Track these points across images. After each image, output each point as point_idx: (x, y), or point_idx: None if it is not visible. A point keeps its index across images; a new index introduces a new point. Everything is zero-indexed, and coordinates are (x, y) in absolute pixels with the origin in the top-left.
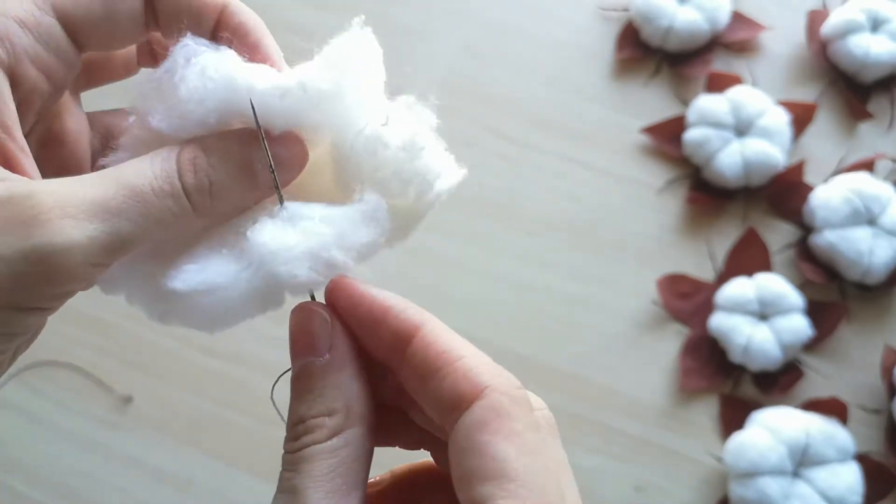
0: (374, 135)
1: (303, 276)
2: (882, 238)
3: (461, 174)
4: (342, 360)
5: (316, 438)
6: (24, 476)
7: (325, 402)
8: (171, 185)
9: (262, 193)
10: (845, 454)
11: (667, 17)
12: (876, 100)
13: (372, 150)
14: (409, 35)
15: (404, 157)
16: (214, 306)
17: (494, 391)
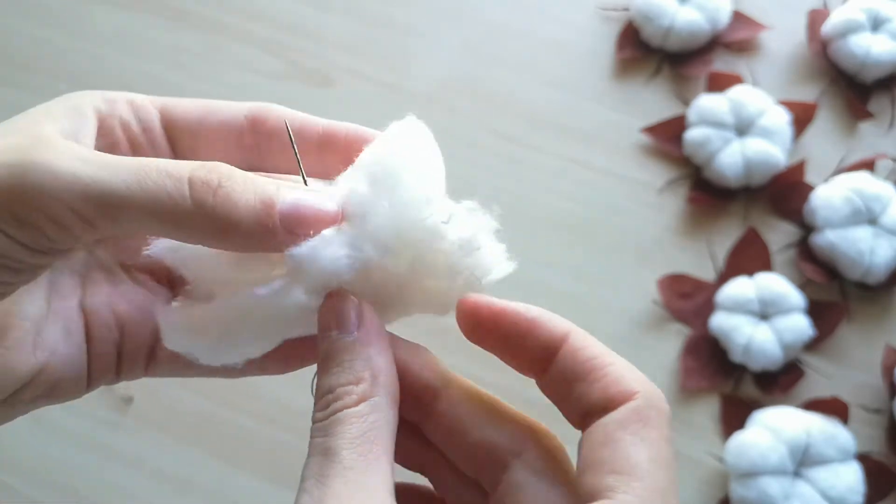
0: (433, 227)
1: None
2: (883, 238)
3: (511, 268)
4: (369, 336)
5: (346, 403)
6: (24, 476)
7: (353, 372)
8: (177, 170)
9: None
10: (846, 454)
11: (667, 17)
12: (876, 99)
13: (429, 241)
14: (409, 35)
15: (460, 252)
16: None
17: (642, 397)
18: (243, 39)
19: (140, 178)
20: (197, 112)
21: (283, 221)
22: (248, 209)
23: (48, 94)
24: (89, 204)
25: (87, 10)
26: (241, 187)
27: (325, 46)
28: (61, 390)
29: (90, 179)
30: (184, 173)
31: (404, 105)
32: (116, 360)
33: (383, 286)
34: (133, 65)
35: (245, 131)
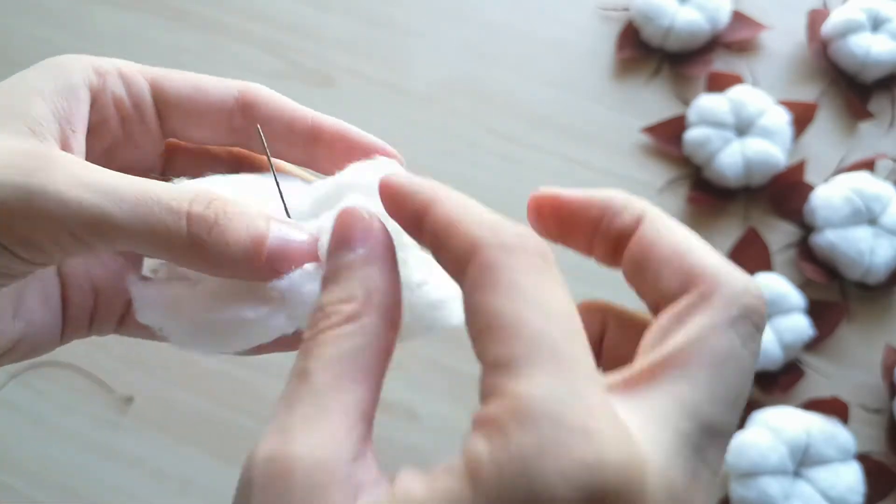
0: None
1: None
2: (883, 237)
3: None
4: (373, 254)
5: (332, 322)
6: (24, 476)
7: (346, 289)
8: (177, 203)
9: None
10: (846, 454)
11: (667, 17)
12: (876, 99)
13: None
14: (409, 35)
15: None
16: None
17: (484, 247)
18: (243, 39)
19: (140, 210)
20: (187, 90)
21: (269, 259)
22: (239, 247)
23: None
24: (91, 231)
25: (87, 10)
26: (234, 224)
27: (325, 46)
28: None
29: (95, 209)
30: (183, 208)
31: (404, 105)
32: (89, 322)
33: None
34: None
35: (235, 114)
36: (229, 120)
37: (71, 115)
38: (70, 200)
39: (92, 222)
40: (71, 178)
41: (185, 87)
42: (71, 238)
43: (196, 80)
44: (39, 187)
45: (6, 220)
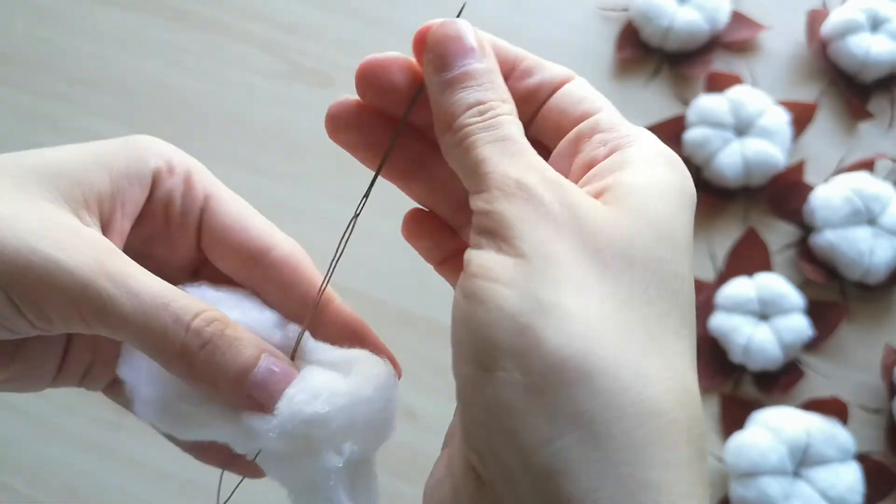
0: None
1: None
2: (882, 238)
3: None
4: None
5: (505, 111)
6: (25, 476)
7: (500, 91)
8: (183, 313)
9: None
10: (846, 454)
11: (667, 17)
12: (876, 99)
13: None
14: (409, 35)
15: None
16: None
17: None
18: (243, 39)
19: (149, 311)
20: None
21: (252, 390)
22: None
23: (48, 95)
24: (98, 317)
25: (87, 10)
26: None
27: (325, 46)
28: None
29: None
30: (186, 319)
31: None
32: (82, 376)
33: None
34: (133, 65)
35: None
36: (255, 267)
37: (128, 199)
38: (88, 284)
39: (102, 310)
40: (96, 263)
41: (232, 221)
42: (78, 317)
43: (244, 218)
44: (64, 265)
45: (28, 286)
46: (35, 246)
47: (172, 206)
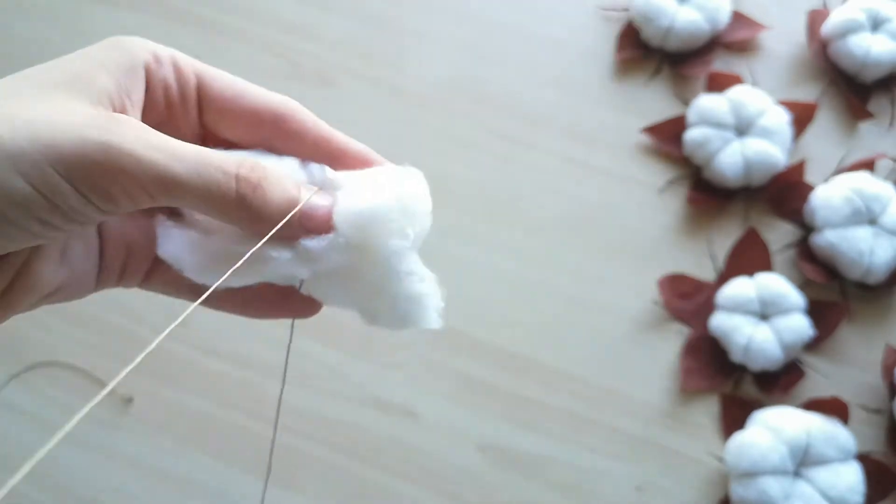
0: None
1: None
2: (883, 237)
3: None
4: None
5: None
6: (24, 476)
7: None
8: (227, 165)
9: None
10: (846, 454)
11: (667, 17)
12: (876, 99)
13: (388, 278)
14: (408, 35)
15: (405, 299)
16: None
17: None
18: (243, 39)
19: (200, 170)
20: (230, 93)
21: (301, 220)
22: (277, 207)
23: None
24: (158, 186)
25: (87, 10)
26: (274, 188)
27: (325, 47)
28: (74, 296)
29: (163, 168)
30: (232, 170)
31: (404, 105)
32: (119, 274)
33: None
34: None
35: (267, 123)
36: (260, 128)
37: (131, 91)
38: (143, 158)
39: (161, 179)
40: (141, 140)
41: (227, 91)
42: (142, 192)
43: (240, 87)
44: (117, 145)
45: (90, 173)
46: (86, 135)
47: (170, 92)
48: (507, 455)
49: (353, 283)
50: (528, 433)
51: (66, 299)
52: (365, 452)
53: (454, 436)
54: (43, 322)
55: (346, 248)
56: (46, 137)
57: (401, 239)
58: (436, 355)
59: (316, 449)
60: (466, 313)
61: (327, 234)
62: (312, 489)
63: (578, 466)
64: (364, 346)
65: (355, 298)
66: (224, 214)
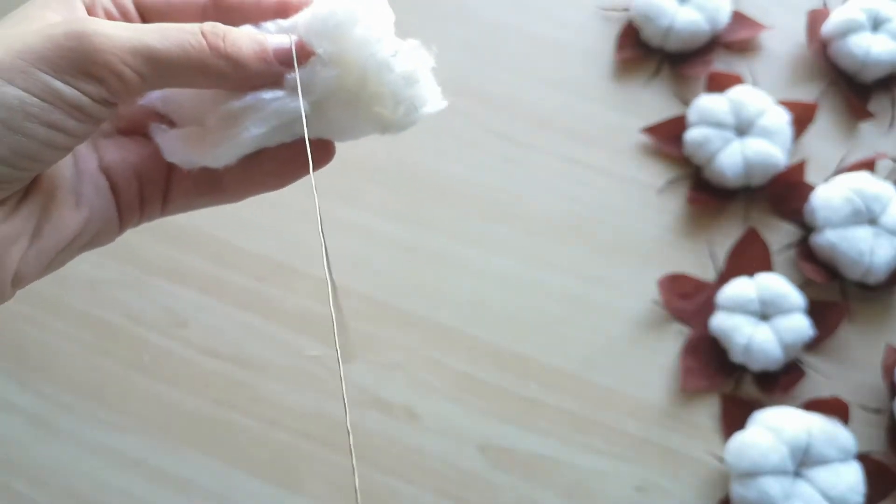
0: (383, 60)
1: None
2: (883, 237)
3: (444, 104)
4: None
5: None
6: (24, 477)
7: None
8: (190, 27)
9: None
10: (847, 454)
11: (667, 17)
12: (877, 99)
13: (378, 72)
14: (409, 35)
15: (403, 83)
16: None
17: None
18: None
19: (165, 35)
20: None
21: (276, 56)
22: (251, 49)
23: None
24: (137, 57)
25: None
26: (240, 35)
27: None
28: (101, 237)
29: (134, 39)
30: (196, 28)
31: None
32: (140, 207)
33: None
34: None
35: (208, 7)
36: (204, 14)
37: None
38: (114, 35)
39: (137, 49)
40: (108, 24)
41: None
42: (125, 67)
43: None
44: (89, 31)
45: (71, 61)
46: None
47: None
48: (508, 455)
49: (351, 99)
50: (528, 433)
51: (98, 243)
52: (365, 452)
53: (454, 436)
54: (43, 322)
55: (328, 62)
56: (19, 45)
57: (371, 27)
58: (436, 355)
59: (316, 449)
60: (466, 313)
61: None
62: (313, 489)
63: (578, 466)
64: (364, 347)
65: (360, 115)
66: (205, 71)
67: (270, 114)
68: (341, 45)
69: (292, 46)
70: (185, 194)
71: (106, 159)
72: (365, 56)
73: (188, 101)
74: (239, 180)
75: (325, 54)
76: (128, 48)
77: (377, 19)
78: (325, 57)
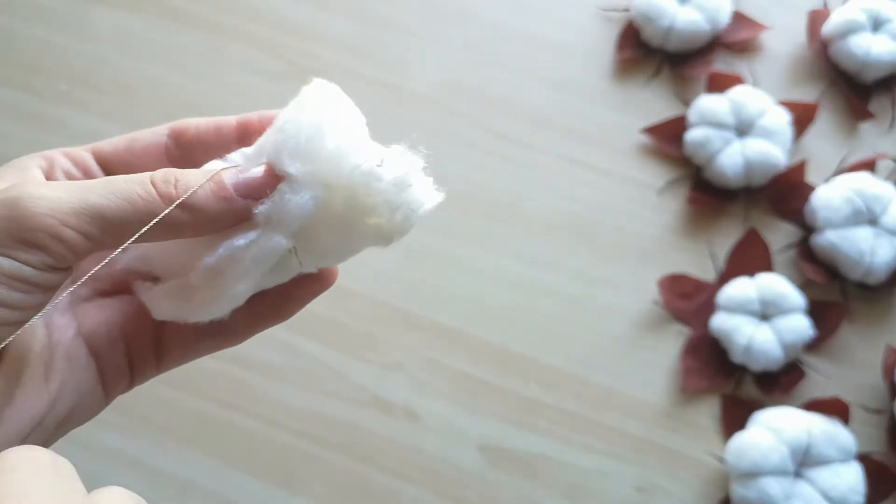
0: (369, 171)
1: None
2: (883, 238)
3: (441, 197)
4: None
5: None
6: None
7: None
8: (138, 177)
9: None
10: (847, 454)
11: (667, 18)
12: (877, 99)
13: (366, 183)
14: (409, 35)
15: (395, 190)
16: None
17: None
18: (243, 39)
19: (111, 189)
20: (123, 143)
21: (237, 191)
22: (207, 190)
23: (48, 95)
24: (81, 217)
25: (87, 10)
26: (194, 176)
27: (324, 47)
28: (81, 411)
29: (76, 199)
30: (145, 178)
31: (404, 105)
32: (129, 367)
33: (334, 230)
34: (133, 65)
35: (170, 147)
36: (167, 155)
37: None
38: (52, 197)
39: (78, 209)
40: (45, 185)
41: (121, 142)
42: (65, 229)
43: (130, 134)
44: (24, 195)
45: (7, 231)
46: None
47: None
48: (508, 455)
49: (341, 217)
50: (528, 433)
51: (79, 417)
52: (365, 452)
53: (454, 436)
54: None
55: (300, 185)
56: None
57: (344, 136)
58: (436, 355)
59: (316, 449)
60: (466, 313)
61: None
62: (313, 489)
63: (578, 466)
64: (364, 346)
65: (354, 232)
66: (164, 227)
67: (250, 264)
68: (316, 162)
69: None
70: (183, 345)
71: (86, 324)
72: (348, 169)
73: (165, 256)
74: (244, 321)
75: (298, 175)
76: (68, 209)
77: (348, 126)
78: (299, 177)
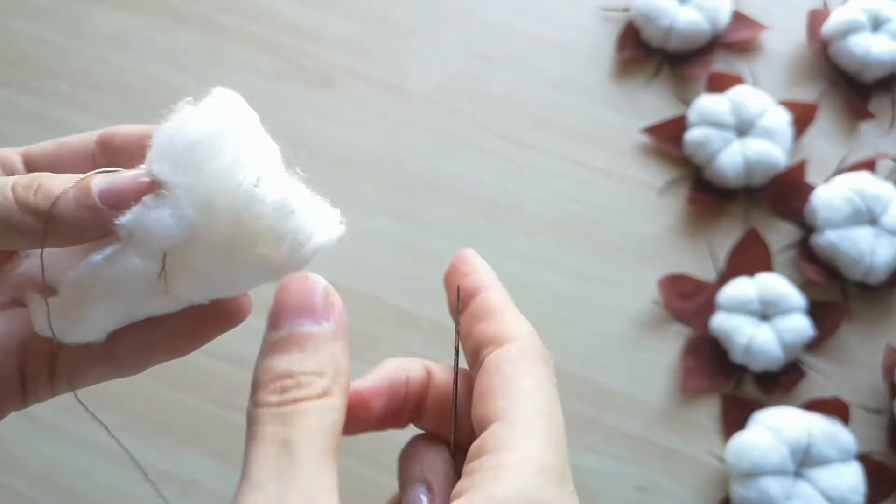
0: (250, 191)
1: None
2: (883, 238)
3: (340, 231)
4: (339, 331)
5: (309, 394)
6: (24, 477)
7: (319, 363)
8: (3, 181)
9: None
10: (847, 454)
11: (667, 18)
12: (877, 99)
13: (249, 205)
14: (409, 35)
15: (276, 215)
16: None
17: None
18: (243, 39)
19: None
20: (52, 147)
21: (102, 199)
22: (70, 197)
23: (48, 95)
24: None
25: (87, 10)
26: (58, 182)
27: (325, 47)
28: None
29: None
30: (5, 182)
31: (404, 105)
32: (21, 382)
33: (213, 255)
34: (133, 65)
35: (96, 154)
36: (93, 161)
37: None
38: None
39: None
40: None
41: (50, 145)
42: None
43: (60, 139)
44: None
45: None
46: None
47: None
48: None
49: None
50: None
51: None
52: (365, 452)
53: None
54: None
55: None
56: None
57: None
58: (436, 356)
59: None
60: None
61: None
62: None
63: (579, 466)
64: (364, 347)
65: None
66: (14, 229)
67: (110, 284)
68: (195, 174)
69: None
70: (75, 366)
71: None
72: (232, 186)
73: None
74: (133, 350)
75: (170, 183)
76: None
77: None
78: (172, 187)
